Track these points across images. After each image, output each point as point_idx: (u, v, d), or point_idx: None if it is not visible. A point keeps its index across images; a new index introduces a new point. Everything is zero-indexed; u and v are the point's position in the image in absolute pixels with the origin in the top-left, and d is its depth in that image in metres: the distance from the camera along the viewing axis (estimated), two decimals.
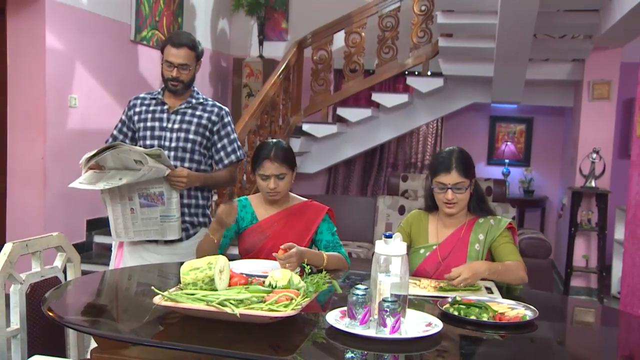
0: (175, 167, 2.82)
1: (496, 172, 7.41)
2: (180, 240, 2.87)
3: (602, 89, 6.06)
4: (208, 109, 2.98)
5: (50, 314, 1.93)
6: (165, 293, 1.84)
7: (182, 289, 1.90)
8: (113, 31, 5.61)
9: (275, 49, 7.87)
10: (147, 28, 6.06)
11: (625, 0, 4.48)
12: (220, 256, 1.91)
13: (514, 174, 7.33)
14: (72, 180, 5.06)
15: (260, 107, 5.70)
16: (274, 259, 2.42)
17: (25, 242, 2.25)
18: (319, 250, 2.74)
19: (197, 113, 2.95)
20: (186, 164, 2.89)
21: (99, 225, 5.55)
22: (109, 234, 5.37)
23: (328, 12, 7.02)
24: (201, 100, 3.00)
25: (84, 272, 2.61)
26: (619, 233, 6.14)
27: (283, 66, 6.22)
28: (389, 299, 1.76)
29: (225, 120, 3.00)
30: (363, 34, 6.54)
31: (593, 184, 5.84)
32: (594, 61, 6.05)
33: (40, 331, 2.28)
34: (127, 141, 3.04)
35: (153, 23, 6.17)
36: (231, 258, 2.28)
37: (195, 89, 3.03)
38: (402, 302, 1.83)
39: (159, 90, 3.02)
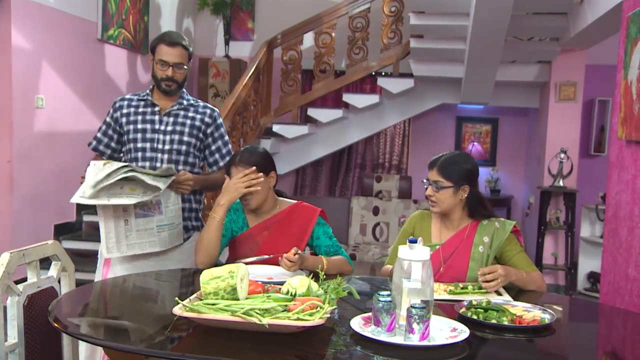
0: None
1: None
2: (176, 246, 2.78)
3: (568, 90, 6.19)
4: (200, 110, 2.90)
5: (57, 325, 1.84)
6: (186, 303, 1.77)
7: (201, 299, 1.83)
8: (80, 30, 5.45)
9: (241, 49, 7.79)
10: (113, 26, 5.90)
11: (598, 4, 4.57)
12: (240, 264, 1.85)
13: (481, 173, 7.33)
14: (39, 184, 4.95)
15: (233, 109, 5.61)
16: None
17: (22, 252, 2.14)
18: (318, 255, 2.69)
19: (190, 114, 2.87)
20: (180, 167, 2.81)
21: (67, 230, 5.38)
22: (77, 239, 5.30)
23: (295, 12, 6.99)
24: (192, 102, 2.92)
25: None
26: (585, 231, 6.28)
27: (254, 66, 6.14)
28: (417, 305, 1.73)
29: (218, 121, 2.93)
30: (333, 34, 6.52)
31: (561, 183, 5.96)
32: (561, 63, 6.18)
33: (37, 344, 2.17)
34: (112, 144, 2.93)
35: (120, 21, 6.01)
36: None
37: (184, 90, 2.95)
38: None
39: (147, 91, 2.92)
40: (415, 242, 1.85)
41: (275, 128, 6.56)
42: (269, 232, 2.67)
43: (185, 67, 2.82)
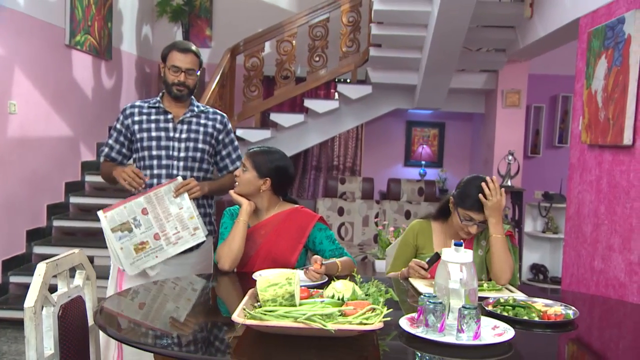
0: (184, 177, 2.67)
1: (413, 173, 7.60)
2: (190, 250, 2.70)
3: (513, 97, 6.39)
4: (211, 116, 2.83)
5: (104, 331, 1.74)
6: (244, 309, 1.71)
7: (254, 305, 1.78)
8: (49, 35, 5.20)
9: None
10: (80, 32, 5.66)
11: (550, 19, 4.73)
12: (296, 271, 1.81)
13: (430, 174, 7.56)
14: (11, 189, 4.67)
15: None
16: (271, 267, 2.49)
17: (55, 262, 2.02)
18: None
19: (202, 121, 2.79)
20: (195, 174, 2.73)
21: (38, 235, 5.12)
22: (47, 244, 5.04)
23: (252, 20, 6.93)
24: (202, 109, 2.84)
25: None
26: (528, 226, 6.49)
27: (220, 73, 6.03)
28: (469, 306, 1.74)
29: (228, 127, 2.87)
30: (294, 42, 6.48)
31: (509, 183, 6.15)
32: (506, 72, 6.37)
33: (72, 354, 2.05)
34: (124, 151, 2.81)
35: (86, 27, 5.77)
36: None
37: (193, 97, 2.86)
38: None
39: (157, 98, 2.81)
40: (460, 245, 1.86)
41: (239, 132, 6.46)
42: (266, 231, 2.64)
43: (196, 73, 2.75)
